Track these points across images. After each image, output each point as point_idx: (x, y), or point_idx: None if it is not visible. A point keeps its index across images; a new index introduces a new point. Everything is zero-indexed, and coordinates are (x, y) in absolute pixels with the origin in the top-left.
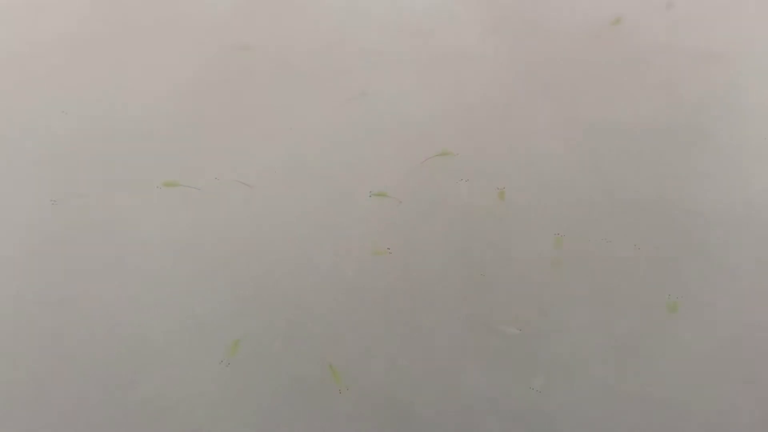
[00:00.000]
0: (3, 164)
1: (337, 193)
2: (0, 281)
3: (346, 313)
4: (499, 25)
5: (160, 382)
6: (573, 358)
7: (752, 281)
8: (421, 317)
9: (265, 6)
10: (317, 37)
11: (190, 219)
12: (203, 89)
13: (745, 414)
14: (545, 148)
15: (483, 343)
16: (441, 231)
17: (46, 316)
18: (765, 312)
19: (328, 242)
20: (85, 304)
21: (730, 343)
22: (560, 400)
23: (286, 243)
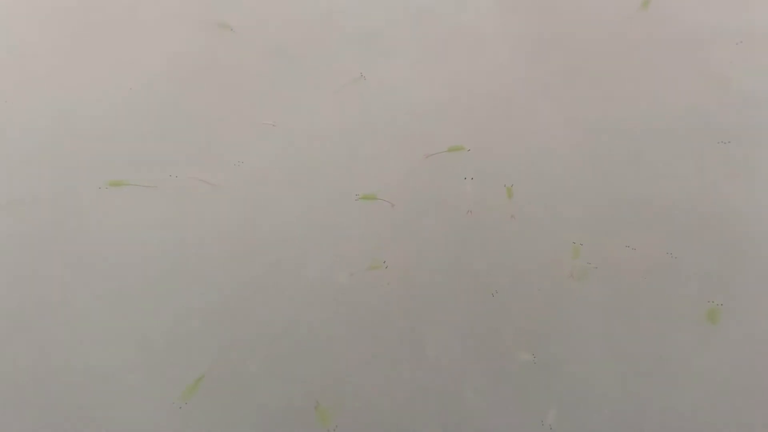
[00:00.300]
0: None
1: (326, 196)
2: None
3: (334, 336)
4: (513, 9)
5: (114, 416)
6: (593, 388)
7: None
8: (420, 340)
9: None
10: (308, 17)
11: (148, 223)
12: (176, 77)
13: None
14: (559, 146)
15: (491, 372)
16: (443, 239)
17: None
18: None
19: (315, 251)
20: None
21: None
22: None
23: (263, 253)
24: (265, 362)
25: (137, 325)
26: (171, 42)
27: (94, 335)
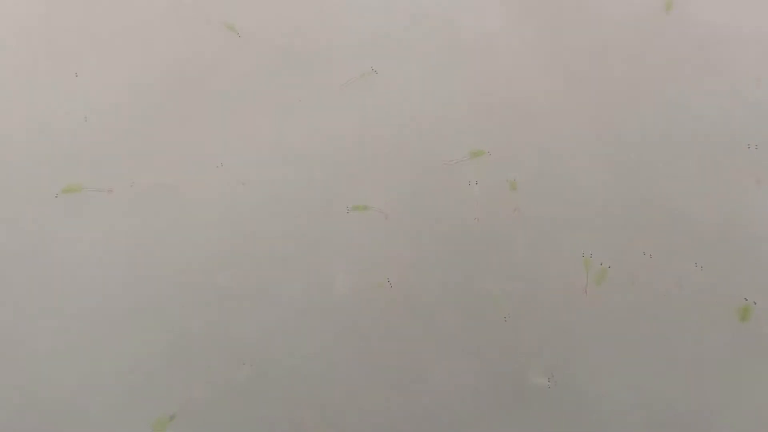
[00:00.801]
0: None
1: (322, 206)
2: None
3: (327, 361)
4: (528, 12)
5: None
6: (617, 415)
7: None
8: (422, 364)
9: None
10: (312, 19)
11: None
12: (165, 78)
13: None
14: (572, 152)
15: (504, 398)
16: (447, 253)
17: None
18: None
19: (309, 267)
20: None
21: None
22: None
23: (250, 269)
24: (249, 390)
25: (103, 350)
26: (157, 41)
27: (52, 361)
